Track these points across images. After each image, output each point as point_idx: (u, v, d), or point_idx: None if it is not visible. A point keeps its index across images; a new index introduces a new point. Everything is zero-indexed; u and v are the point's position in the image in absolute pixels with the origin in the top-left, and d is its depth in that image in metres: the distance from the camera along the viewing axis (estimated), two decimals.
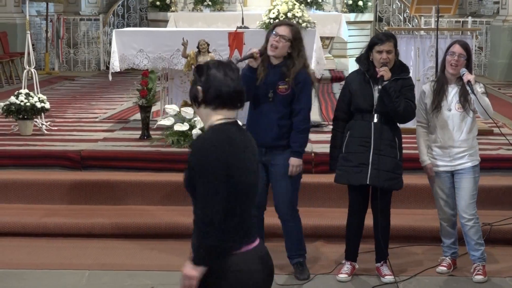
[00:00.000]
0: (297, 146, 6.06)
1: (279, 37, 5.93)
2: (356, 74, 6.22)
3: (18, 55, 15.76)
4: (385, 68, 5.98)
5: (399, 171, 6.12)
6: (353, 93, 6.12)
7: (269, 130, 6.00)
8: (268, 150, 6.03)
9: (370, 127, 6.05)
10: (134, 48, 9.49)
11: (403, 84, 6.06)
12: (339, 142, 6.19)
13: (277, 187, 6.13)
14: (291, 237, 6.27)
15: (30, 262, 6.63)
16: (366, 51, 6.18)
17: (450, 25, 16.70)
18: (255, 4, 16.45)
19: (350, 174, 6.08)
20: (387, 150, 6.05)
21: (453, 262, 6.46)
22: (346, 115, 6.20)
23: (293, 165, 6.05)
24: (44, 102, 9.35)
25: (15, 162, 8.28)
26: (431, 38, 9.27)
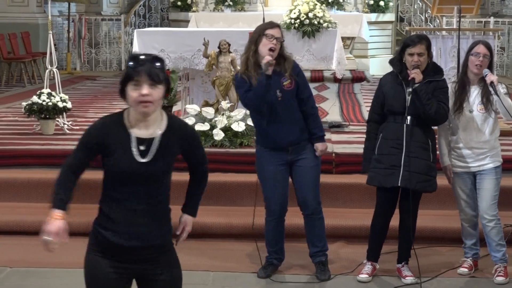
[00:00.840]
0: (319, 131, 6.16)
1: (276, 40, 5.97)
2: (389, 76, 6.21)
3: (40, 55, 15.86)
4: (417, 70, 5.96)
5: (432, 173, 6.09)
6: (386, 95, 6.10)
7: (291, 129, 6.03)
8: (294, 148, 6.07)
9: (403, 129, 6.02)
10: (155, 48, 9.52)
11: (436, 86, 6.03)
12: (372, 144, 6.17)
13: (304, 181, 6.15)
14: (315, 232, 6.26)
15: (51, 261, 6.65)
16: (399, 52, 6.17)
17: (472, 25, 16.61)
18: (276, 4, 16.45)
19: (382, 176, 6.06)
20: (419, 152, 6.02)
21: (475, 263, 6.43)
22: (380, 117, 6.18)
23: (321, 150, 6.14)
24: (66, 102, 9.39)
25: (37, 161, 8.32)
26: (453, 39, 9.23)
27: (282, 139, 6.04)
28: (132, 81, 3.68)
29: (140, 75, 3.65)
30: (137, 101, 3.68)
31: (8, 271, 6.42)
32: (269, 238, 6.30)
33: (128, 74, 3.70)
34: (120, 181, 3.82)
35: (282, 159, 6.10)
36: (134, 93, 3.67)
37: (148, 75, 3.65)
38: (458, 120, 6.19)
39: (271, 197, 6.16)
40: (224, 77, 8.71)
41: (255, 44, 6.04)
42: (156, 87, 3.68)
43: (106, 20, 18.74)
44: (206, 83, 9.65)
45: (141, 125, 3.76)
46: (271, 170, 6.11)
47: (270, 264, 6.32)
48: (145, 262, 3.86)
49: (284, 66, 6.03)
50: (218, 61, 8.69)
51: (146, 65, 3.67)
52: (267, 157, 6.12)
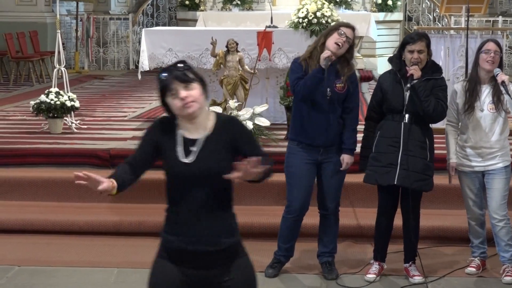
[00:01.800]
0: (351, 144, 6.15)
1: (346, 38, 5.98)
2: (388, 74, 6.20)
3: (48, 54, 15.89)
4: (415, 67, 5.95)
5: (429, 173, 6.08)
6: (384, 93, 6.10)
7: (328, 128, 6.03)
8: (326, 148, 6.08)
9: (400, 127, 6.01)
10: (163, 47, 9.53)
11: (434, 84, 6.03)
12: (369, 142, 6.17)
13: (328, 183, 6.17)
14: (329, 233, 6.28)
15: (59, 259, 6.68)
16: (398, 50, 6.17)
17: (480, 25, 16.58)
18: (284, 3, 16.43)
19: (378, 174, 6.06)
20: (417, 151, 6.01)
21: (482, 263, 6.42)
22: (378, 115, 6.17)
23: (347, 162, 6.13)
24: (74, 101, 9.41)
25: (45, 160, 8.34)
26: (461, 38, 9.21)
27: (318, 136, 6.03)
28: (168, 92, 3.73)
29: (171, 83, 3.71)
30: (180, 106, 3.72)
31: (17, 270, 6.44)
32: (284, 235, 6.29)
33: (161, 88, 3.77)
34: (174, 182, 3.85)
35: (312, 157, 6.09)
36: (174, 101, 3.73)
37: (177, 79, 3.71)
38: (468, 119, 6.17)
39: (295, 195, 6.15)
40: (231, 76, 8.71)
41: (325, 37, 6.05)
42: (191, 87, 3.72)
43: (114, 19, 18.75)
44: (213, 82, 9.65)
45: (190, 127, 3.79)
46: (300, 168, 6.09)
47: (277, 262, 6.32)
48: (213, 268, 3.83)
49: (344, 69, 6.04)
50: (226, 60, 8.69)
51: (172, 72, 3.73)
52: (299, 154, 6.11)
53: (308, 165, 6.10)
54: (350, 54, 6.09)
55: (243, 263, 3.91)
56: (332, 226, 6.29)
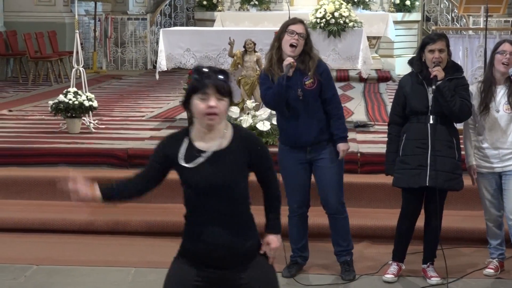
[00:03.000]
0: (341, 132, 6.08)
1: (298, 35, 5.94)
2: (409, 76, 6.17)
3: (66, 54, 15.96)
4: (438, 67, 5.92)
5: (458, 171, 6.05)
6: (407, 96, 6.07)
7: (309, 128, 6.01)
8: (313, 147, 6.06)
9: (427, 128, 5.98)
10: (181, 47, 9.55)
11: (457, 83, 6.00)
12: (395, 146, 6.13)
13: (324, 181, 6.14)
14: (339, 231, 6.26)
15: (77, 259, 6.70)
16: (418, 52, 6.14)
17: (499, 25, 16.50)
18: (301, 4, 16.44)
19: (409, 177, 6.02)
20: (445, 151, 5.98)
21: (501, 264, 6.39)
22: (401, 119, 6.14)
23: (343, 150, 6.08)
24: (92, 101, 9.44)
25: (63, 160, 8.37)
26: (479, 38, 9.17)
27: (300, 137, 6.04)
28: (199, 93, 3.69)
29: (207, 88, 3.68)
30: (203, 112, 3.70)
31: (34, 269, 6.47)
32: (293, 235, 6.30)
33: (195, 86, 3.71)
34: (191, 192, 3.86)
35: (301, 158, 6.10)
36: (201, 104, 3.69)
37: (215, 88, 3.69)
38: (484, 120, 6.15)
39: (290, 195, 6.19)
40: (249, 77, 8.71)
41: (279, 41, 6.04)
42: (223, 100, 3.71)
43: (132, 20, 18.80)
44: (231, 82, 9.64)
45: (206, 138, 3.79)
46: (290, 168, 6.12)
47: (294, 263, 6.32)
48: (231, 268, 3.84)
49: (308, 64, 6.01)
50: (244, 60, 8.70)
51: (213, 78, 3.70)
52: (287, 155, 6.14)
53: (298, 165, 6.10)
54: (308, 47, 6.02)
55: (262, 260, 3.92)
56: (341, 224, 6.25)
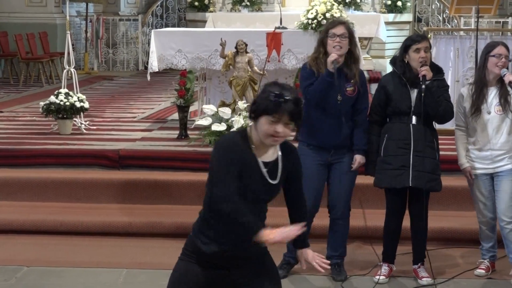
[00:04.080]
0: (363, 144, 6.13)
1: (339, 37, 5.95)
2: (391, 76, 6.18)
3: (58, 55, 15.93)
4: (427, 67, 5.94)
5: (438, 172, 6.09)
6: (390, 97, 6.08)
7: (338, 131, 6.03)
8: (336, 150, 6.09)
9: (409, 129, 6.00)
10: (172, 48, 9.54)
11: (438, 84, 6.03)
12: (375, 146, 6.15)
13: (339, 185, 6.17)
14: (337, 236, 6.28)
15: (68, 260, 6.69)
16: (401, 53, 6.14)
17: (490, 26, 16.52)
18: (293, 4, 16.43)
19: (391, 177, 6.04)
20: (427, 151, 6.00)
21: (492, 265, 6.40)
22: (381, 118, 6.16)
23: (359, 162, 6.13)
24: (83, 102, 9.43)
25: (54, 161, 8.36)
26: (470, 39, 9.19)
27: (329, 140, 6.04)
28: (270, 116, 3.72)
29: (281, 113, 3.71)
30: (269, 134, 3.75)
31: (25, 270, 6.45)
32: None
33: (269, 108, 3.71)
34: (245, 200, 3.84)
35: (323, 158, 6.10)
36: (269, 127, 3.73)
37: (289, 115, 3.72)
38: (476, 122, 6.15)
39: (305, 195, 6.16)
40: (241, 77, 8.71)
41: (323, 46, 6.04)
42: (289, 124, 3.76)
43: (124, 20, 18.77)
44: (223, 83, 9.66)
45: (262, 148, 3.85)
46: (310, 169, 6.05)
47: (287, 263, 6.32)
48: (238, 268, 3.92)
49: (353, 70, 6.03)
50: (235, 61, 8.69)
51: (289, 105, 3.71)
52: (310, 155, 6.09)
53: (318, 166, 6.11)
54: (353, 44, 6.04)
55: (269, 261, 4.03)
56: (342, 231, 6.29)
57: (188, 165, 8.11)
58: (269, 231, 3.67)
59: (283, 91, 3.73)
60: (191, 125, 9.29)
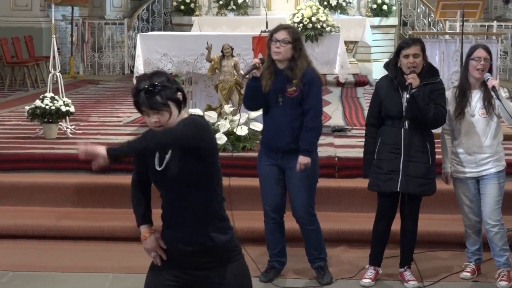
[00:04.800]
0: (305, 144, 6.02)
1: (279, 43, 5.97)
2: (385, 80, 6.20)
3: (43, 59, 15.87)
4: (413, 75, 5.95)
5: (431, 177, 6.09)
6: (382, 100, 6.10)
7: (283, 134, 6.03)
8: (284, 154, 6.07)
9: (400, 134, 6.01)
10: (158, 52, 9.53)
11: (432, 88, 6.02)
12: (372, 148, 6.17)
13: (293, 191, 6.14)
14: (310, 241, 6.27)
15: (54, 264, 6.67)
16: (393, 57, 6.17)
17: (475, 30, 16.61)
18: (279, 8, 16.47)
19: (381, 181, 6.06)
20: (418, 156, 6.01)
21: (477, 267, 6.42)
22: (378, 121, 6.18)
23: (300, 163, 5.99)
24: (69, 106, 9.40)
25: (40, 165, 8.32)
26: (456, 43, 9.23)
27: (274, 142, 6.08)
28: (142, 112, 3.81)
29: (141, 107, 3.78)
30: (152, 127, 3.81)
31: (11, 275, 6.43)
32: (269, 240, 6.30)
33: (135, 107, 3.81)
34: (158, 189, 3.96)
35: (273, 160, 6.13)
36: (147, 120, 3.82)
37: (148, 106, 3.76)
38: (460, 125, 6.17)
39: (263, 197, 6.23)
40: (227, 81, 8.70)
41: (268, 48, 6.08)
42: (162, 112, 3.76)
43: (110, 24, 18.75)
44: (209, 87, 9.65)
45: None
46: (264, 169, 6.16)
47: (271, 267, 6.32)
48: (204, 270, 3.91)
49: (295, 71, 6.02)
50: (221, 65, 8.69)
51: (141, 97, 3.75)
52: (263, 156, 6.19)
53: (270, 167, 6.13)
54: (296, 52, 6.01)
55: (236, 266, 3.94)
56: (310, 235, 6.24)
57: None
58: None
59: (138, 83, 3.80)
60: None
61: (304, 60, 6.06)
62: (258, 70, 5.99)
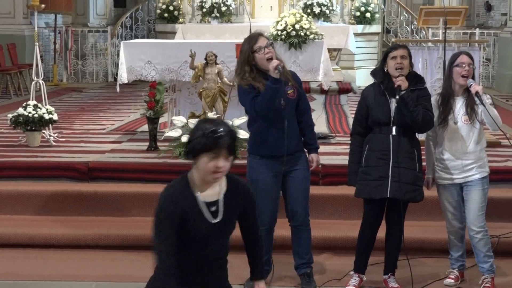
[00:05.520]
0: (315, 142, 6.22)
1: (267, 48, 5.96)
2: (371, 87, 6.21)
3: (26, 66, 15.83)
4: (402, 78, 5.97)
5: (419, 183, 6.10)
6: (370, 107, 6.11)
7: (289, 137, 5.98)
8: (289, 159, 6.04)
9: (389, 140, 6.02)
10: (142, 59, 9.52)
11: (419, 94, 6.04)
12: (357, 156, 6.16)
13: (295, 192, 6.15)
14: (302, 243, 6.26)
15: (37, 273, 6.63)
16: (381, 62, 6.19)
17: (458, 37, 16.70)
18: (262, 16, 16.51)
19: (370, 188, 6.05)
20: (407, 162, 6.02)
21: (461, 274, 6.44)
22: (364, 130, 6.18)
23: (317, 161, 6.21)
24: (52, 114, 9.37)
25: (23, 174, 8.29)
26: (438, 50, 9.26)
27: (280, 148, 6.01)
28: (210, 153, 3.74)
29: (220, 148, 3.73)
30: (210, 171, 3.77)
31: None
32: None
33: (207, 145, 3.73)
34: (193, 243, 3.91)
35: (275, 169, 6.06)
36: (210, 164, 3.75)
37: (227, 149, 3.75)
38: (443, 132, 6.20)
39: (263, 209, 6.13)
40: (210, 89, 8.71)
41: (249, 64, 5.99)
42: (229, 159, 3.79)
43: (93, 32, 18.73)
44: (192, 94, 9.65)
45: (206, 187, 3.87)
46: (264, 181, 6.07)
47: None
48: None
49: (286, 74, 6.03)
50: (205, 72, 8.69)
51: (226, 139, 3.74)
52: (261, 167, 6.08)
53: (272, 178, 6.08)
54: (277, 55, 6.04)
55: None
56: (305, 237, 6.26)
57: (158, 177, 8.08)
58: None
59: (217, 126, 3.76)
60: (161, 136, 9.26)
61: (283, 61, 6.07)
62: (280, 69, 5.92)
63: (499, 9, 18.94)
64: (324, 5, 16.26)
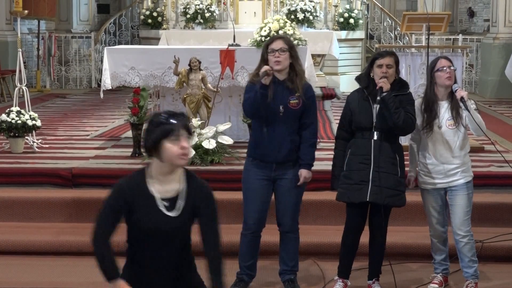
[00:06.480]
0: (309, 159, 6.14)
1: (278, 52, 5.97)
2: (356, 93, 6.23)
3: (9, 72, 15.76)
4: (384, 79, 5.99)
5: (401, 188, 6.11)
6: (353, 112, 6.12)
7: (281, 146, 6.01)
8: (279, 165, 6.06)
9: (370, 144, 6.04)
10: (125, 65, 9.50)
11: (402, 99, 6.05)
12: (340, 161, 6.18)
13: (284, 200, 6.15)
14: (288, 250, 6.25)
15: (21, 280, 6.60)
16: (367, 68, 6.21)
17: (441, 43, 16.76)
18: (246, 22, 16.50)
19: (351, 191, 6.06)
20: (388, 167, 6.03)
21: (445, 279, 6.45)
22: (348, 134, 6.19)
23: (305, 176, 6.11)
24: (35, 120, 9.34)
25: (6, 180, 8.25)
26: (422, 56, 9.30)
27: (270, 154, 6.03)
28: (172, 136, 3.81)
29: (178, 129, 3.82)
30: (177, 154, 3.83)
31: None
32: (243, 253, 6.27)
33: (166, 130, 3.82)
34: (147, 237, 3.97)
35: (266, 174, 6.09)
36: (174, 147, 3.82)
37: (185, 128, 3.85)
38: (428, 137, 6.21)
39: (249, 211, 6.15)
40: (194, 95, 8.70)
41: (265, 62, 6.05)
42: (190, 140, 3.90)
43: (76, 38, 18.67)
44: (176, 100, 9.64)
45: (163, 181, 3.93)
46: (254, 184, 6.09)
47: (240, 280, 6.29)
48: None
49: (295, 83, 6.03)
50: (189, 78, 8.69)
51: (180, 119, 3.85)
52: (253, 170, 6.11)
53: (262, 181, 6.10)
54: (294, 58, 6.06)
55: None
56: (292, 244, 6.26)
57: None
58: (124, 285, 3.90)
59: (165, 113, 3.90)
60: None
61: (301, 70, 6.10)
62: (269, 77, 5.93)
63: (482, 15, 19.04)
64: (307, 11, 16.28)
